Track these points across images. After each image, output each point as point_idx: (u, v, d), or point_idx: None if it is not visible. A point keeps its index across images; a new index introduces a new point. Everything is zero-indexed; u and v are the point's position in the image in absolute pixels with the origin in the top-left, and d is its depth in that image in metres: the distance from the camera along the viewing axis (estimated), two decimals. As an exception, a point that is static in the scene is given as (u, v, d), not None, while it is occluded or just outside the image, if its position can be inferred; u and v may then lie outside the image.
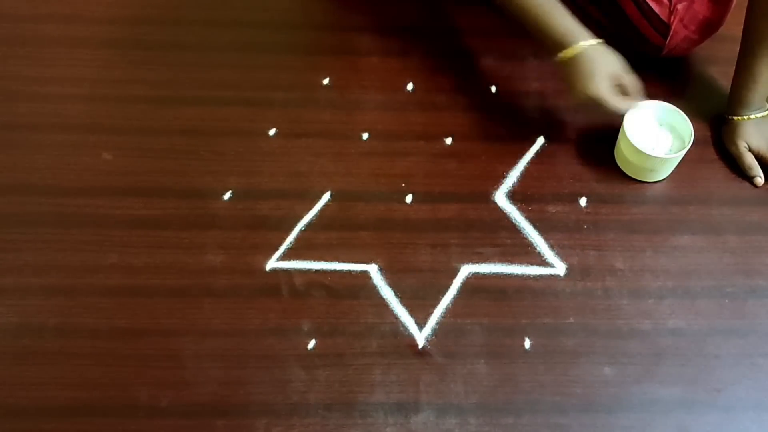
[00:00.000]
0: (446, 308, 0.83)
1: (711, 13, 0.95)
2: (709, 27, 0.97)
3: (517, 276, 0.86)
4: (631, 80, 0.88)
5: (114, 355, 0.79)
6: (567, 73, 0.87)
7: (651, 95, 0.95)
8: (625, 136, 0.90)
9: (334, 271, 0.86)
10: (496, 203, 0.92)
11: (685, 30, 0.96)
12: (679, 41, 0.97)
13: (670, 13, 0.94)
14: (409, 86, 1.02)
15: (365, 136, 0.97)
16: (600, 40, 0.87)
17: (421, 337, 0.81)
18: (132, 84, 1.01)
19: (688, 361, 0.81)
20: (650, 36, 0.97)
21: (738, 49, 0.92)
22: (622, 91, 0.88)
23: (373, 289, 0.84)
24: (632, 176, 0.94)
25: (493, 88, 1.02)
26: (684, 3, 0.94)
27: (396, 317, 0.83)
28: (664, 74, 1.03)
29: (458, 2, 1.11)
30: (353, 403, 0.77)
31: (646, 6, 0.94)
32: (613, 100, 0.86)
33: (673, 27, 0.95)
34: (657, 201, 0.93)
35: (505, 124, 0.98)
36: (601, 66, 0.86)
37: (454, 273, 0.86)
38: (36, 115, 0.97)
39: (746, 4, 0.89)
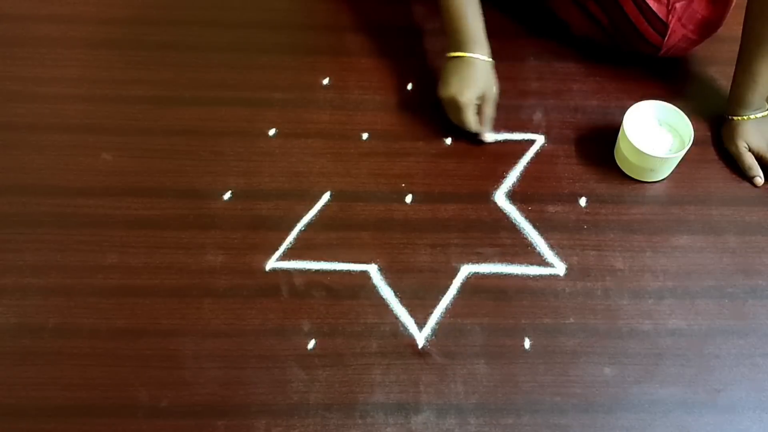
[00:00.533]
0: (446, 308, 0.83)
1: (710, 13, 0.95)
2: (707, 27, 0.97)
3: (516, 276, 0.86)
4: (490, 110, 0.94)
5: (113, 355, 0.79)
6: (448, 70, 0.93)
7: (651, 95, 0.95)
8: (625, 136, 0.90)
9: (334, 271, 0.86)
10: (495, 203, 0.92)
11: (684, 29, 0.96)
12: (678, 40, 0.97)
13: (669, 12, 0.94)
14: (409, 86, 1.02)
15: (365, 136, 0.97)
16: (491, 61, 0.93)
17: (420, 338, 0.81)
18: (131, 84, 1.01)
19: (688, 361, 0.80)
20: (648, 35, 0.97)
21: (738, 49, 0.92)
22: (479, 113, 0.93)
23: (373, 290, 0.84)
24: (632, 176, 0.94)
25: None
26: (682, 2, 0.94)
27: (396, 317, 0.83)
28: (664, 74, 1.03)
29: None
30: (353, 403, 0.77)
31: (644, 5, 0.94)
32: (471, 113, 0.92)
33: (671, 26, 0.95)
34: (657, 201, 0.93)
35: (505, 124, 0.98)
36: (480, 80, 0.92)
37: (454, 273, 0.86)
38: (35, 115, 0.97)
39: (746, 4, 0.89)
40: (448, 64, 0.93)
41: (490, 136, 0.95)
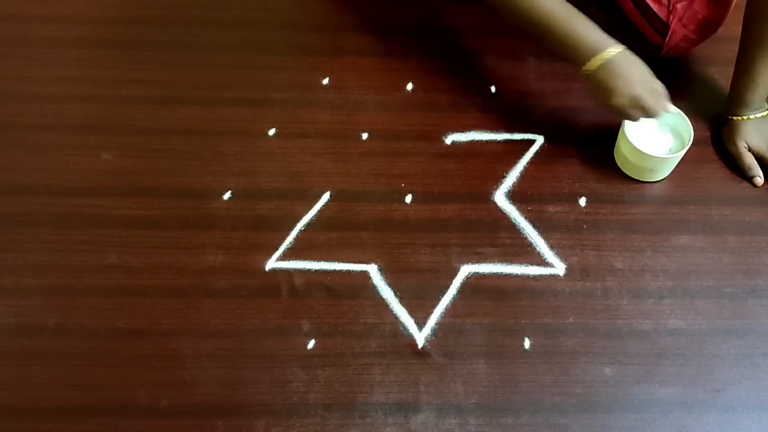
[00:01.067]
0: (446, 308, 0.83)
1: (710, 13, 0.95)
2: (708, 27, 0.97)
3: (516, 276, 0.86)
4: (660, 84, 0.87)
5: (113, 355, 0.79)
6: (597, 82, 0.84)
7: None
8: (625, 136, 0.90)
9: (334, 271, 0.86)
10: (495, 203, 0.92)
11: (684, 30, 0.96)
12: (678, 41, 0.97)
13: (669, 12, 0.94)
14: (409, 86, 1.02)
15: (365, 136, 0.97)
16: (624, 47, 0.85)
17: (420, 337, 0.81)
18: (131, 84, 1.01)
19: (687, 361, 0.80)
20: (649, 35, 0.97)
21: (737, 49, 0.92)
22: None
23: (373, 289, 0.84)
24: (632, 176, 0.94)
25: (493, 88, 1.02)
26: (683, 2, 0.94)
27: (396, 317, 0.83)
28: (663, 74, 1.02)
29: (458, 2, 1.11)
30: (353, 403, 0.77)
31: (645, 5, 0.94)
32: (653, 100, 0.84)
33: (672, 26, 0.95)
34: (656, 201, 0.93)
35: (505, 124, 0.98)
36: (636, 69, 0.85)
37: (454, 273, 0.86)
38: (35, 115, 0.97)
39: (745, 4, 0.89)
40: (590, 81, 0.85)
41: (673, 107, 0.88)
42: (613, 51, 0.84)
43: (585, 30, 0.85)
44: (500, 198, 0.92)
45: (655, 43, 0.97)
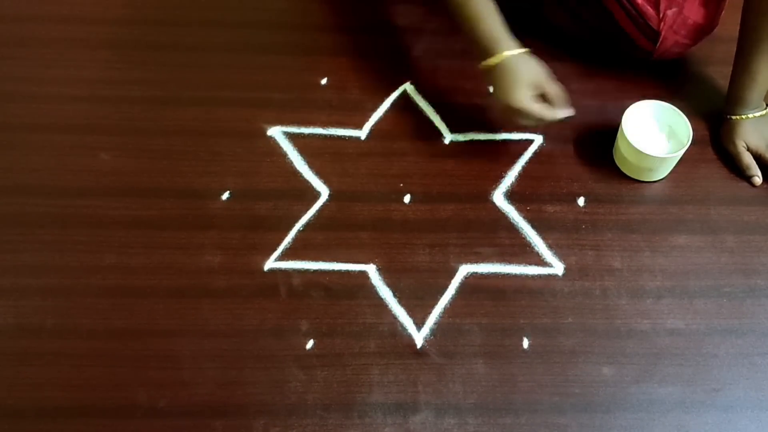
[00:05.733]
0: (444, 308, 0.83)
1: (701, 18, 0.95)
2: (700, 31, 0.97)
3: (515, 276, 0.86)
4: (554, 89, 0.87)
5: (112, 355, 0.79)
6: (491, 81, 0.87)
7: (649, 95, 0.95)
8: (624, 136, 0.90)
9: (333, 272, 0.86)
10: (494, 203, 0.92)
11: (675, 35, 0.95)
12: (670, 46, 0.97)
13: (660, 20, 0.94)
14: (407, 86, 1.02)
15: (363, 136, 0.97)
16: (525, 49, 0.86)
17: (419, 337, 0.81)
18: (130, 84, 1.01)
19: (686, 360, 0.81)
20: (640, 41, 0.97)
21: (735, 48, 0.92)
22: (546, 100, 0.87)
23: (372, 289, 0.84)
24: (630, 176, 0.94)
25: (492, 88, 1.02)
26: (674, 9, 0.93)
27: (394, 317, 0.83)
28: (662, 74, 1.03)
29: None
30: (351, 403, 0.77)
31: (634, 12, 0.94)
32: (534, 109, 0.85)
33: (662, 33, 0.94)
34: (655, 201, 0.93)
35: (503, 124, 0.98)
36: (523, 75, 0.85)
37: (453, 273, 0.86)
38: (34, 115, 0.97)
39: (741, 3, 0.89)
40: (486, 76, 0.88)
41: (566, 112, 0.88)
42: (509, 52, 0.85)
43: (489, 27, 0.86)
44: (499, 198, 0.92)
45: (646, 48, 0.97)
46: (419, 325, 0.82)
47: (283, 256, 0.86)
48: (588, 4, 0.98)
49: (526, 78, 0.85)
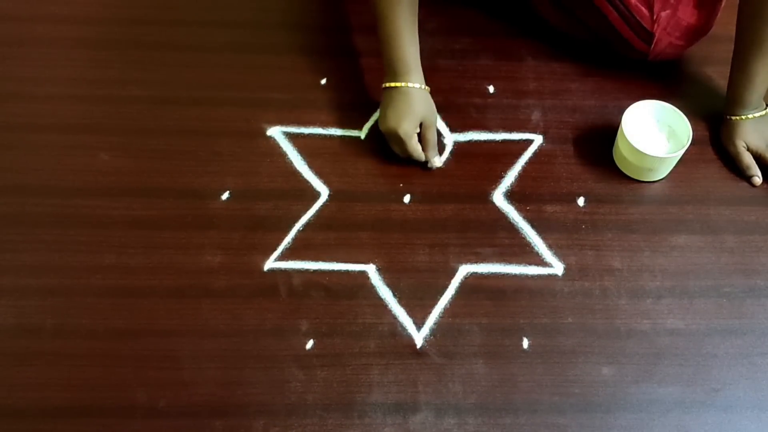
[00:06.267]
0: (444, 308, 0.83)
1: (696, 20, 0.95)
2: (694, 33, 0.96)
3: (515, 276, 0.86)
4: (432, 135, 0.92)
5: (112, 355, 0.79)
6: (385, 102, 0.91)
7: (649, 95, 0.95)
8: (624, 136, 0.90)
9: (332, 272, 0.86)
10: (494, 203, 0.92)
11: (669, 37, 0.95)
12: (665, 47, 0.97)
13: (654, 22, 0.93)
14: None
15: (362, 136, 0.97)
16: (426, 87, 0.91)
17: (419, 337, 0.81)
18: (129, 84, 1.01)
19: (686, 360, 0.81)
20: (634, 43, 0.97)
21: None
22: (421, 140, 0.92)
23: (371, 290, 0.84)
24: (630, 176, 0.94)
25: (491, 88, 1.02)
26: (667, 11, 0.93)
27: (394, 317, 0.83)
28: (662, 74, 1.03)
29: (456, 2, 1.11)
30: (351, 403, 0.77)
31: (628, 14, 0.94)
32: (413, 142, 0.90)
33: (656, 35, 0.94)
34: (655, 201, 0.93)
35: (503, 124, 0.98)
36: (416, 109, 0.90)
37: (452, 273, 0.86)
38: (33, 115, 0.97)
39: (738, 4, 0.89)
40: (384, 95, 0.92)
41: (438, 161, 0.93)
42: (410, 84, 0.90)
43: (402, 53, 0.90)
44: (498, 198, 0.92)
45: (641, 49, 0.97)
46: (419, 325, 0.82)
47: (283, 256, 0.86)
48: (582, 6, 0.98)
49: (418, 112, 0.90)
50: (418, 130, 0.91)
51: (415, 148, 0.91)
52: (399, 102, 0.90)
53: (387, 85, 0.91)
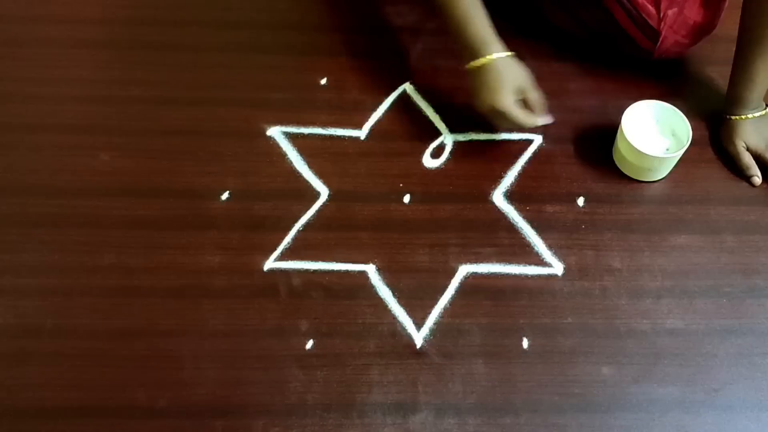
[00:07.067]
0: (444, 308, 0.83)
1: (702, 18, 0.95)
2: (700, 31, 0.97)
3: (514, 276, 0.86)
4: (535, 96, 0.89)
5: (112, 356, 0.79)
6: (474, 82, 0.88)
7: (649, 95, 0.95)
8: (624, 136, 0.90)
9: (332, 272, 0.86)
10: (493, 203, 0.92)
11: (676, 35, 0.95)
12: (670, 45, 0.97)
13: (660, 19, 0.94)
14: (407, 86, 1.02)
15: (363, 136, 0.97)
16: (511, 53, 0.88)
17: (419, 337, 0.81)
18: (129, 85, 1.01)
19: (686, 360, 0.81)
20: (640, 41, 0.97)
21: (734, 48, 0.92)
22: (526, 105, 0.89)
23: (371, 290, 0.84)
24: (630, 176, 0.94)
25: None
26: (674, 9, 0.93)
27: (394, 317, 0.83)
28: (662, 74, 1.03)
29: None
30: (351, 403, 0.77)
31: (635, 12, 0.94)
32: (517, 113, 0.87)
33: (663, 33, 0.94)
34: (655, 201, 0.93)
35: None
36: (507, 79, 0.86)
37: (452, 273, 0.86)
38: (33, 116, 0.97)
39: (741, 4, 0.89)
40: (470, 78, 0.89)
41: (547, 119, 0.90)
42: (494, 56, 0.86)
43: (477, 29, 0.87)
44: (498, 198, 0.92)
45: (646, 48, 0.97)
46: (419, 325, 0.82)
47: (283, 256, 0.86)
48: (587, 4, 0.98)
49: (511, 81, 0.86)
50: (518, 97, 0.87)
51: (523, 118, 0.87)
52: (487, 78, 0.86)
53: (469, 66, 0.88)
